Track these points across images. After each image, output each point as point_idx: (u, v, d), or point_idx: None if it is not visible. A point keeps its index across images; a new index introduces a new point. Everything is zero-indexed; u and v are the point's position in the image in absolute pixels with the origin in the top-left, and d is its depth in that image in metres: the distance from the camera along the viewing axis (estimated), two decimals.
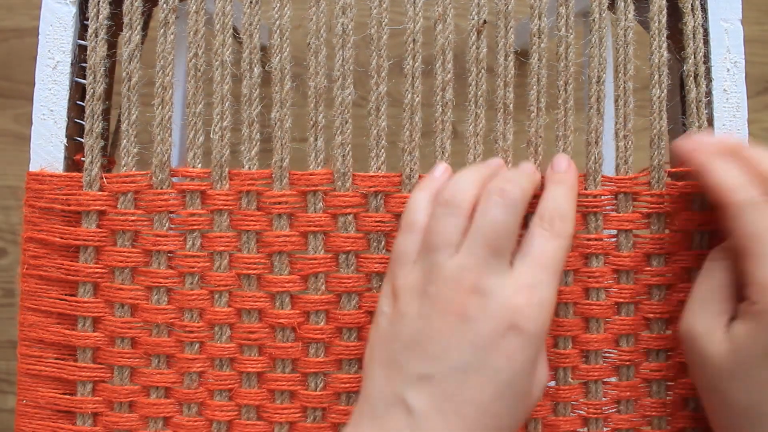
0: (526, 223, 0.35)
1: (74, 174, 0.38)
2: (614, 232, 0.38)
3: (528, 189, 0.34)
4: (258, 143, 0.38)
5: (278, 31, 0.38)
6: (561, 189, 0.36)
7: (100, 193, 0.38)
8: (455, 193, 0.34)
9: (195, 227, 0.38)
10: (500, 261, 0.33)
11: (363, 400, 0.34)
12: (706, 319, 0.34)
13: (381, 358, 0.34)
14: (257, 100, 0.38)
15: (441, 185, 0.36)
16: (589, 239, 0.38)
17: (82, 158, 0.38)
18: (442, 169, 0.37)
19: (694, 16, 0.38)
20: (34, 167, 0.38)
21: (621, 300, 0.38)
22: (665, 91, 0.38)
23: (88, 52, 0.38)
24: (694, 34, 0.38)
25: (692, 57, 0.38)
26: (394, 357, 0.33)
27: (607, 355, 0.39)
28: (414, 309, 0.33)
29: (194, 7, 0.38)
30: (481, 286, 0.32)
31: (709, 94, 0.38)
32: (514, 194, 0.33)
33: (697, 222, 0.38)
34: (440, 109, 0.38)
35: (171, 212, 0.38)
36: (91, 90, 0.38)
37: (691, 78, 0.38)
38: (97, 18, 0.38)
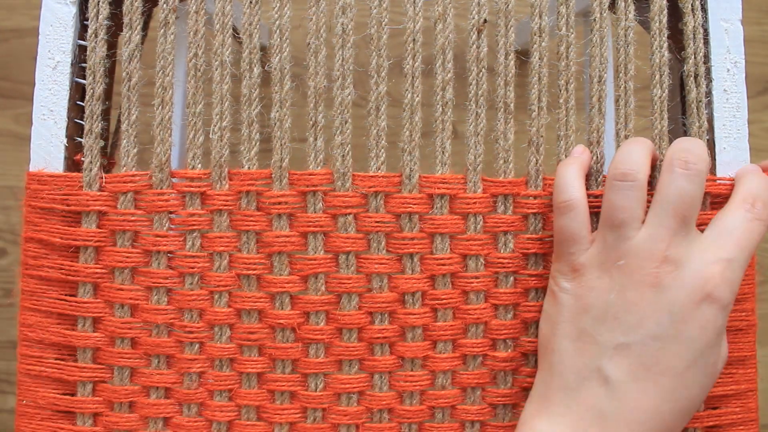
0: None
1: (74, 174, 0.38)
2: None
3: (707, 159, 0.34)
4: (258, 143, 0.38)
5: (278, 31, 0.38)
6: (760, 177, 0.36)
7: (100, 193, 0.38)
8: (632, 167, 0.34)
9: (195, 227, 0.38)
10: (689, 230, 0.33)
11: (550, 373, 0.35)
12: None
13: (569, 332, 0.35)
14: (257, 100, 0.38)
15: (586, 162, 0.37)
16: None
17: (82, 158, 0.38)
18: (580, 149, 0.38)
19: (694, 16, 0.38)
20: (34, 167, 0.38)
21: None
22: (666, 91, 0.38)
23: (88, 52, 0.38)
24: (694, 34, 0.38)
25: (692, 57, 0.38)
26: (584, 330, 0.34)
27: None
28: (604, 283, 0.34)
29: (194, 7, 0.38)
30: (673, 256, 0.33)
31: (709, 94, 0.38)
32: (697, 165, 0.34)
33: (698, 222, 0.38)
34: (440, 109, 0.38)
35: (171, 212, 0.38)
36: (91, 90, 0.38)
37: (691, 78, 0.38)
38: (97, 18, 0.38)
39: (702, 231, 0.35)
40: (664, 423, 0.33)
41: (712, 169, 0.38)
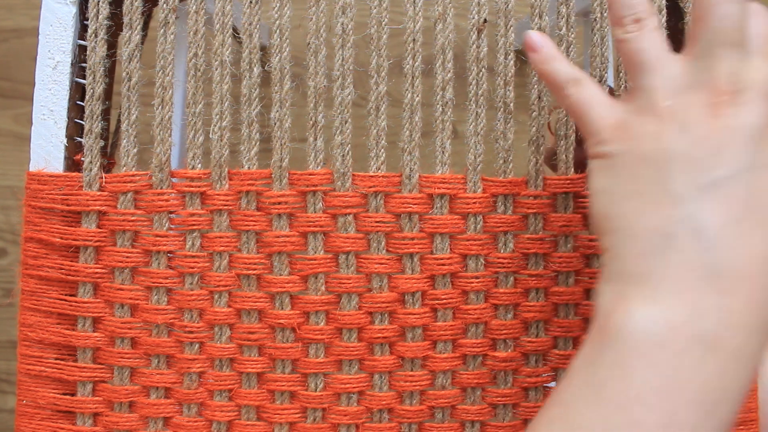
0: None
1: (74, 174, 0.38)
2: None
3: None
4: (257, 143, 0.38)
5: (278, 31, 0.38)
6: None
7: (100, 193, 0.38)
8: (639, 10, 0.30)
9: (195, 227, 0.38)
10: (745, 53, 0.29)
11: (620, 245, 0.28)
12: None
13: (630, 192, 0.29)
14: (257, 100, 0.38)
15: (557, 49, 0.33)
16: (591, 239, 0.38)
17: (82, 158, 0.38)
18: (537, 34, 0.33)
19: None
20: (34, 167, 0.38)
21: None
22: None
23: (88, 52, 0.38)
24: None
25: None
26: (648, 183, 0.28)
27: None
28: (654, 127, 0.29)
29: (194, 7, 0.38)
30: (735, 82, 0.28)
31: None
32: None
33: None
34: (440, 109, 0.38)
35: (171, 212, 0.38)
36: (91, 90, 0.38)
37: None
38: (97, 18, 0.38)
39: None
40: None
41: None
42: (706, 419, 0.25)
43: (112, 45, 0.39)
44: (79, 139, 0.39)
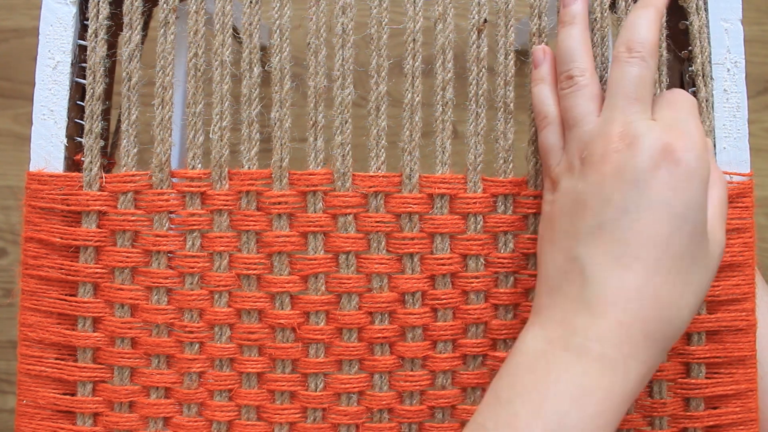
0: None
1: (74, 174, 0.38)
2: None
3: (653, 40, 0.34)
4: (258, 143, 0.38)
5: (278, 31, 0.38)
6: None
7: (100, 193, 0.38)
8: (573, 67, 0.35)
9: (195, 227, 0.38)
10: (643, 108, 0.33)
11: (538, 285, 0.35)
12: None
13: (549, 236, 0.35)
14: (257, 100, 0.38)
15: (551, 69, 0.37)
16: None
17: (82, 158, 0.38)
18: (540, 54, 0.37)
19: (698, 16, 0.38)
20: (34, 167, 0.38)
21: None
22: (665, 90, 0.38)
23: (88, 52, 0.38)
24: (699, 34, 0.38)
25: (699, 56, 0.38)
26: (560, 229, 0.34)
27: None
28: (571, 182, 0.34)
29: (194, 7, 0.38)
30: (628, 131, 0.32)
31: (709, 94, 0.38)
32: (641, 51, 0.33)
33: None
34: (440, 109, 0.38)
35: (171, 212, 0.38)
36: (91, 90, 0.38)
37: (699, 77, 0.38)
38: (97, 18, 0.38)
39: None
40: (658, 298, 0.31)
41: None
42: (571, 409, 0.30)
43: (112, 45, 0.39)
44: (79, 139, 0.39)
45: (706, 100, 0.38)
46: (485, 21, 0.38)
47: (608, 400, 0.31)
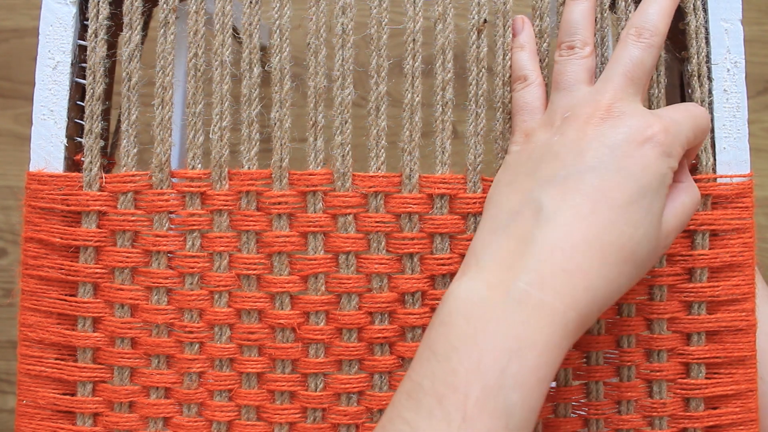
0: None
1: (74, 174, 0.38)
2: None
3: (662, 31, 0.35)
4: (258, 143, 0.38)
5: (278, 31, 0.38)
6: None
7: (100, 193, 0.38)
8: (576, 39, 0.36)
9: (195, 227, 0.38)
10: (637, 92, 0.34)
11: (481, 225, 0.34)
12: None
13: (506, 180, 0.35)
14: (257, 100, 0.38)
15: (530, 38, 0.38)
16: None
17: (82, 158, 0.38)
18: (520, 22, 0.38)
19: (696, 16, 0.38)
20: (34, 167, 0.38)
21: (623, 301, 0.38)
22: (663, 90, 0.38)
23: (88, 52, 0.38)
24: (696, 34, 0.38)
25: (696, 57, 0.38)
26: (522, 172, 0.34)
27: (608, 355, 0.39)
28: (547, 135, 0.34)
29: (194, 7, 0.38)
30: (617, 108, 0.33)
31: (709, 94, 0.38)
32: (651, 38, 0.34)
33: (699, 222, 0.38)
34: (440, 109, 0.38)
35: (171, 212, 0.38)
36: (91, 90, 0.38)
37: (695, 78, 0.38)
38: (97, 18, 0.38)
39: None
40: (604, 257, 0.31)
41: (713, 169, 0.38)
42: (510, 363, 0.29)
43: (112, 45, 0.39)
44: (79, 139, 0.39)
45: (702, 101, 0.38)
46: (485, 21, 0.38)
47: (548, 352, 0.30)
